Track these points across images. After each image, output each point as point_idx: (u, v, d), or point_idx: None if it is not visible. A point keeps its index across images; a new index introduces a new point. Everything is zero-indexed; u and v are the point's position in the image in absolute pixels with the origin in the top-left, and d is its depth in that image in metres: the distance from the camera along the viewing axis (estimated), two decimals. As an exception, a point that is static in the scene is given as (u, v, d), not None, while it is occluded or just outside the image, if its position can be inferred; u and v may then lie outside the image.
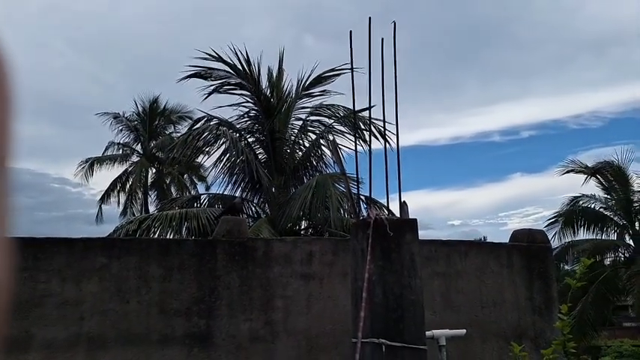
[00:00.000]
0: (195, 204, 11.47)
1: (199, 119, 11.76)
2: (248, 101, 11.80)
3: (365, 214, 3.61)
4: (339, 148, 10.45)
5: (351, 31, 4.14)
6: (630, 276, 16.21)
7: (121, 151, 22.27)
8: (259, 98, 11.54)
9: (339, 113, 11.17)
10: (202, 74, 11.52)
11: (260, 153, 11.58)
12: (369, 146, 3.71)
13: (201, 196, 12.30)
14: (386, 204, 4.57)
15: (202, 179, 20.57)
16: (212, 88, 11.52)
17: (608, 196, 18.97)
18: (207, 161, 12.07)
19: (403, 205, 3.80)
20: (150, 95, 22.59)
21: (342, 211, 9.65)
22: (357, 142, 7.58)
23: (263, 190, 11.00)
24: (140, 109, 22.61)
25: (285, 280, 4.75)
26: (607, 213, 18.93)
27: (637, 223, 18.61)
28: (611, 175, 18.68)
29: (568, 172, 19.18)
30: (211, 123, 11.32)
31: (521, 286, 5.72)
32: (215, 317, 4.48)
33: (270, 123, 11.25)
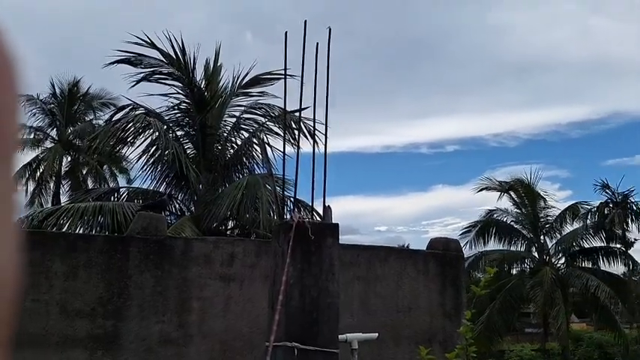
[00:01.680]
0: (113, 197, 10.83)
1: (124, 107, 11.15)
2: (180, 93, 11.37)
3: (291, 216, 3.60)
4: (272, 148, 10.38)
5: (286, 33, 4.12)
6: (533, 285, 17.59)
7: (32, 135, 20.48)
8: (192, 91, 11.16)
9: (273, 113, 11.07)
10: (132, 60, 10.93)
11: (189, 148, 11.19)
12: (297, 148, 3.72)
13: (121, 190, 11.63)
14: (315, 207, 4.58)
15: (124, 171, 19.48)
16: (141, 75, 10.98)
17: (519, 211, 20.50)
18: (131, 153, 11.44)
19: (327, 210, 3.84)
20: (70, 77, 21.03)
21: (271, 213, 9.57)
22: (289, 144, 7.51)
23: (189, 187, 10.63)
24: (58, 91, 20.98)
25: (203, 281, 4.61)
26: (517, 226, 20.44)
27: (542, 237, 20.27)
28: (522, 191, 20.21)
29: (482, 189, 20.57)
30: (137, 112, 10.77)
31: (434, 292, 5.98)
32: (124, 319, 4.24)
33: (202, 117, 10.91)
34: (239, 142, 11.47)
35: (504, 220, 20.63)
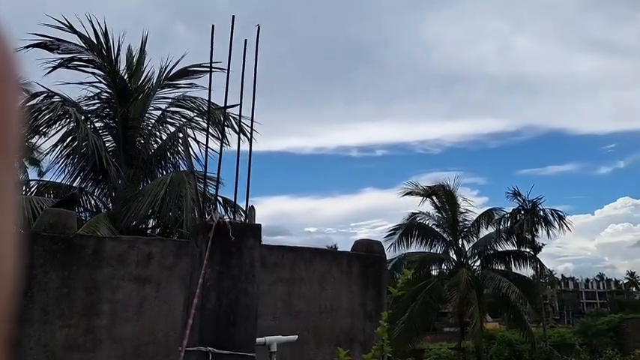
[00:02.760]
0: (22, 191, 9.94)
1: (37, 94, 10.28)
2: (101, 82, 10.68)
3: (211, 216, 3.47)
4: (199, 144, 10.04)
5: (213, 26, 3.99)
6: (450, 286, 18.54)
7: None
8: (115, 80, 10.52)
9: (202, 107, 10.71)
10: (48, 45, 10.11)
11: (108, 141, 10.53)
12: (221, 146, 3.60)
13: (31, 183, 10.70)
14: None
15: (35, 163, 17.99)
16: (59, 61, 10.18)
17: (440, 215, 21.55)
18: (44, 143, 10.54)
19: (250, 210, 3.75)
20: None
21: (196, 212, 9.24)
22: (217, 142, 7.34)
23: (108, 182, 10.01)
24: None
25: (116, 282, 4.33)
26: (438, 230, 21.48)
27: (460, 241, 21.45)
28: (443, 196, 21.25)
29: (407, 194, 21.42)
30: (53, 100, 9.97)
31: (356, 293, 6.08)
32: (24, 323, 3.88)
33: (124, 109, 10.32)
34: (164, 137, 10.99)
35: (426, 223, 21.60)
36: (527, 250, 21.22)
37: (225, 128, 8.75)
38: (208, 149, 3.76)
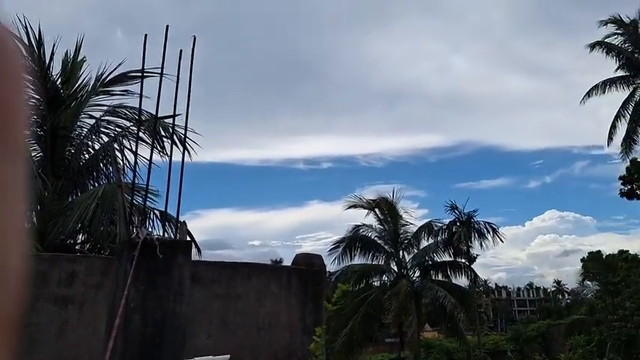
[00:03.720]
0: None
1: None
2: (30, 87, 10.03)
3: (137, 232, 3.31)
4: (136, 155, 9.62)
5: (146, 35, 3.87)
6: (390, 296, 18.88)
7: None
8: (46, 86, 9.91)
9: (138, 116, 10.30)
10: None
11: (35, 150, 9.87)
12: (150, 157, 3.45)
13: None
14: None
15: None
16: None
17: (382, 227, 21.97)
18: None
19: (181, 225, 3.63)
20: None
21: (132, 227, 8.80)
22: (155, 152, 7.07)
23: (33, 195, 9.36)
24: None
25: (33, 304, 4.02)
26: (380, 242, 21.87)
27: (401, 252, 21.95)
28: (386, 209, 21.72)
29: (351, 206, 21.71)
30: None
31: (295, 308, 6.03)
32: None
33: (55, 117, 9.73)
34: (97, 147, 10.46)
35: (369, 235, 21.94)
36: (463, 260, 22.09)
37: (164, 138, 8.48)
38: (134, 159, 3.60)
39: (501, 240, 23.83)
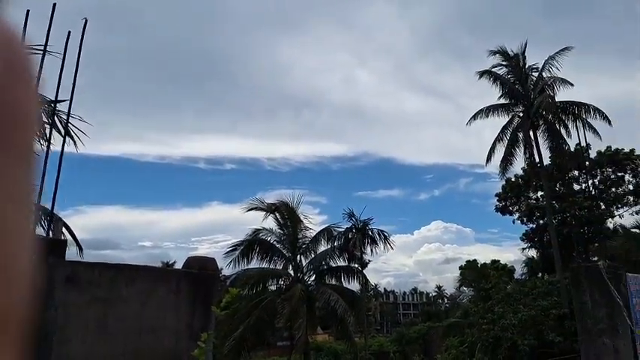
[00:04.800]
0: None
1: None
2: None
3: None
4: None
5: (28, 11, 3.51)
6: (284, 300, 19.04)
7: None
8: None
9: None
10: None
11: None
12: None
13: None
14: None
15: None
16: None
17: (282, 232, 22.09)
18: None
19: (56, 223, 3.31)
20: None
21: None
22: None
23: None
24: None
25: None
26: (278, 246, 21.96)
27: (299, 256, 22.25)
28: (286, 213, 21.87)
29: (252, 209, 21.55)
30: None
31: (184, 313, 5.81)
32: None
33: None
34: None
35: (268, 239, 21.92)
36: (356, 265, 23.02)
37: (45, 125, 7.68)
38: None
39: (391, 247, 25.31)
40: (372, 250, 23.48)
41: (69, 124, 3.23)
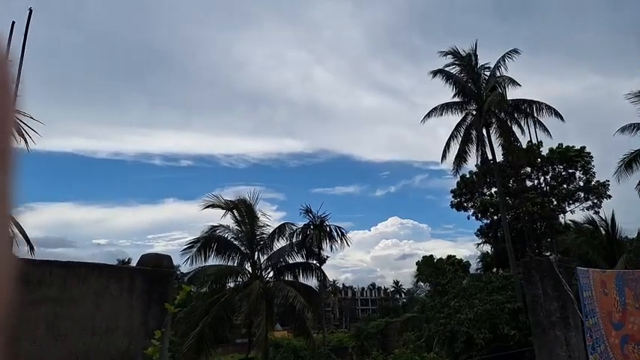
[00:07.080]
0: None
1: None
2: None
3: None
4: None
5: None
6: (242, 297, 18.97)
7: None
8: None
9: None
10: None
11: None
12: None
13: None
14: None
15: None
16: None
17: (239, 229, 21.95)
18: None
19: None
20: None
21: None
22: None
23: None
24: None
25: None
26: (236, 242, 21.81)
27: (257, 253, 22.17)
28: (244, 210, 21.74)
29: (209, 206, 21.27)
30: None
31: (138, 311, 5.74)
32: None
33: None
34: None
35: (225, 236, 21.73)
36: (315, 262, 23.21)
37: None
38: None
39: (348, 243, 25.67)
40: (330, 247, 23.74)
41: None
